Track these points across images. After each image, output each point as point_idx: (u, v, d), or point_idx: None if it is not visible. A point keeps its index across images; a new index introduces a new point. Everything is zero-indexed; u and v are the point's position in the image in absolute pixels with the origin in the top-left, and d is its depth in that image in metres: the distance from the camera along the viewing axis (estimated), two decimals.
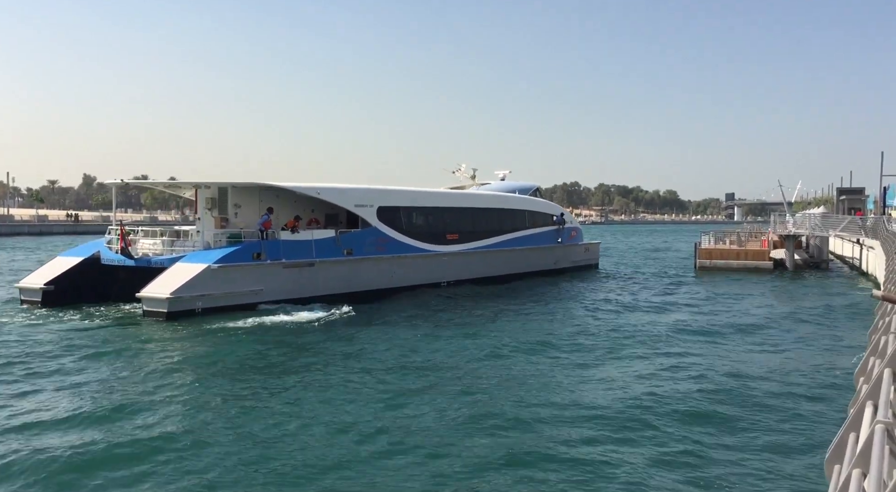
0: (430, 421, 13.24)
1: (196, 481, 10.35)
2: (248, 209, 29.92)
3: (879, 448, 3.32)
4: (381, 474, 10.72)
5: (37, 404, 14.09)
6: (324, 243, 28.28)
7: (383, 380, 16.27)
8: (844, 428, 4.33)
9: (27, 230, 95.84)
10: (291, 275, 27.05)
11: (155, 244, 27.53)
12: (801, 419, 13.61)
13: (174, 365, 17.75)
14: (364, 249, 30.05)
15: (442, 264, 34.40)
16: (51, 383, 15.75)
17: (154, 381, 16.08)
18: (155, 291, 23.69)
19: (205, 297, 24.27)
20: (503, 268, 38.09)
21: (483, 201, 38.74)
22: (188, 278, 23.87)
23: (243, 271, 25.47)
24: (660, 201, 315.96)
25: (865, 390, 4.72)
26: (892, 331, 6.30)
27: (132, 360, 18.34)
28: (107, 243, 27.75)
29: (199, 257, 24.98)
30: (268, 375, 16.80)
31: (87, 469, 10.75)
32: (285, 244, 27.04)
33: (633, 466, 11.05)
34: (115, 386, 15.64)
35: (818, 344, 21.52)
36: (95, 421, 13.04)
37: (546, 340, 21.56)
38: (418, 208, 33.85)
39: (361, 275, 29.92)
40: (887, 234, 35.90)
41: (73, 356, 18.33)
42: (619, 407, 14.19)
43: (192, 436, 12.17)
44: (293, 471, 10.80)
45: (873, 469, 3.16)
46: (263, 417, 13.38)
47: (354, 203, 30.62)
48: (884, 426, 3.54)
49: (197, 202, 30.39)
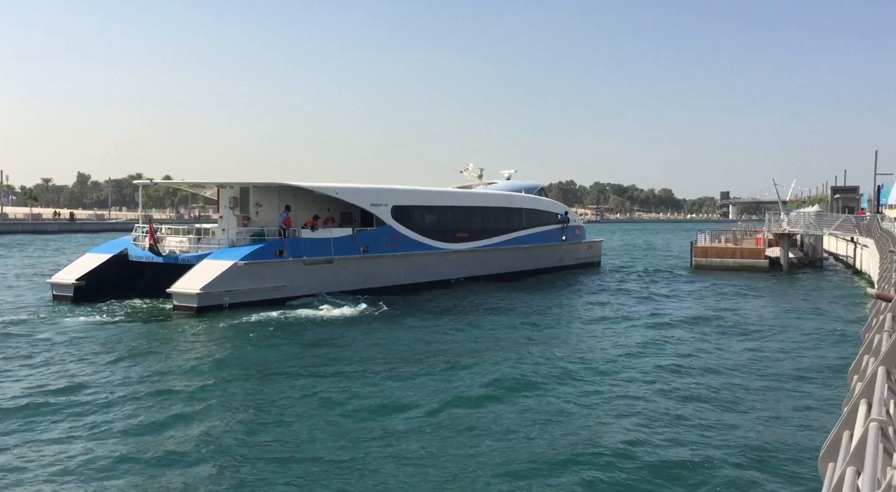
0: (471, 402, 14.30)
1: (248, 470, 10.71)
2: (268, 208, 31.27)
3: (873, 446, 3.32)
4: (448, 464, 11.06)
5: (91, 396, 14.68)
6: (342, 241, 29.64)
7: (432, 370, 17.25)
8: (838, 426, 4.34)
9: (21, 228, 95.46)
10: (312, 271, 28.29)
11: (181, 242, 28.67)
12: (794, 417, 13.67)
13: (211, 357, 18.60)
14: (379, 247, 31.34)
15: (452, 262, 35.61)
16: (96, 373, 16.54)
17: (192, 372, 16.91)
18: (185, 286, 24.84)
19: (231, 292, 25.45)
20: (510, 265, 39.33)
21: (491, 201, 40.06)
22: (216, 274, 25.03)
23: (267, 268, 26.68)
24: (655, 200, 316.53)
25: (859, 388, 4.72)
26: (885, 329, 6.32)
27: (170, 351, 19.30)
28: (133, 241, 28.84)
29: (226, 254, 26.20)
30: (304, 366, 17.59)
31: (129, 460, 11.10)
32: (306, 242, 28.31)
33: (627, 462, 11.06)
34: (156, 378, 16.35)
35: (812, 342, 21.61)
36: (142, 411, 13.69)
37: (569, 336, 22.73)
38: (430, 207, 35.14)
39: (377, 271, 31.16)
40: (881, 232, 36.01)
41: (111, 350, 19.11)
42: (605, 408, 14.24)
43: (234, 425, 12.83)
44: (340, 463, 11.08)
45: (867, 467, 3.16)
46: (304, 406, 14.06)
47: (370, 202, 31.90)
48: (878, 424, 3.54)
49: (219, 201, 31.68)
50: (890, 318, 6.68)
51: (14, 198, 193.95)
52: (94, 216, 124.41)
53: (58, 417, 13.20)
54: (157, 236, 28.08)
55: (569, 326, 24.79)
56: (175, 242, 28.68)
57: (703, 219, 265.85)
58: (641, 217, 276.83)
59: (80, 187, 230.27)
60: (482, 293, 32.38)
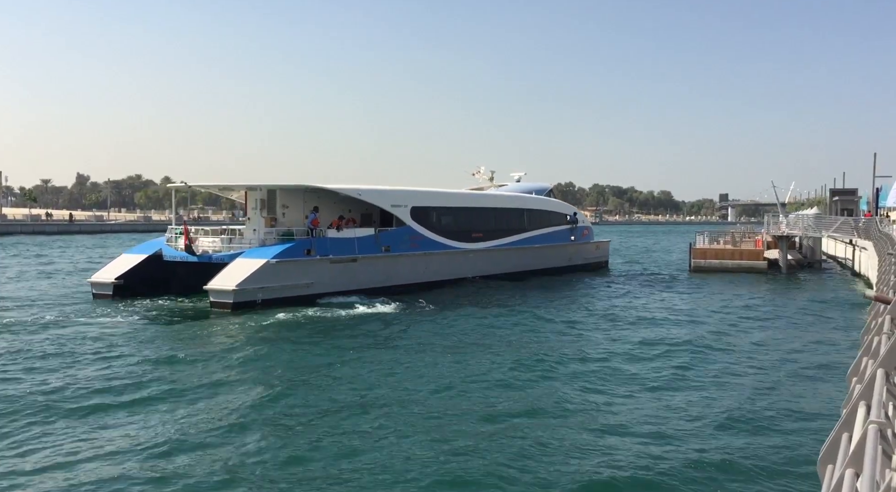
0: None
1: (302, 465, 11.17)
2: (293, 209, 32.72)
3: (872, 448, 3.33)
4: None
5: (152, 388, 15.55)
6: (365, 241, 31.10)
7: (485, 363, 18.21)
8: (837, 428, 4.35)
9: (20, 229, 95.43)
10: (337, 269, 29.70)
11: (214, 242, 30.16)
12: (793, 419, 13.68)
13: (255, 349, 19.68)
14: (400, 246, 32.76)
15: (468, 261, 37.00)
16: (151, 365, 17.61)
17: (236, 364, 17.96)
18: (221, 283, 26.25)
19: (264, 289, 26.80)
20: (522, 264, 40.80)
21: (505, 202, 41.67)
22: (250, 272, 26.39)
23: (297, 266, 28.05)
24: (654, 202, 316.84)
25: (858, 390, 4.73)
26: (884, 331, 6.32)
27: (214, 345, 20.52)
28: (167, 241, 30.34)
29: (258, 253, 27.59)
30: (345, 358, 18.63)
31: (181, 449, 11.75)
32: (332, 242, 29.80)
33: (620, 463, 11.08)
34: (203, 370, 17.32)
35: (810, 344, 21.63)
36: (194, 401, 14.58)
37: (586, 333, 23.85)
38: (447, 208, 36.61)
39: (397, 270, 32.61)
40: (880, 234, 36.05)
41: (157, 344, 20.34)
42: (601, 413, 14.29)
43: (284, 417, 13.51)
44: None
45: (866, 469, 3.17)
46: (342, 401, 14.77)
47: (391, 203, 33.41)
48: (877, 426, 3.55)
49: (247, 203, 33.21)
50: (888, 320, 6.68)
51: (13, 199, 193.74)
52: (94, 217, 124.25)
53: (123, 402, 14.35)
54: (192, 237, 29.57)
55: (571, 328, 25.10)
56: (208, 243, 30.15)
57: (702, 221, 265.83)
58: (640, 219, 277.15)
59: (80, 188, 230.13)
60: (501, 291, 33.70)
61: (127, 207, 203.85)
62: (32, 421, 13.02)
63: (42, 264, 47.17)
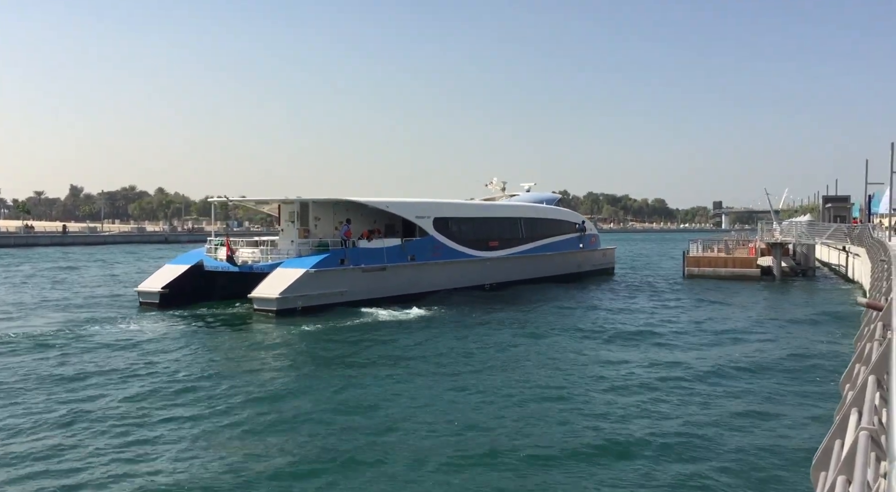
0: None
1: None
2: (325, 221, 34.67)
3: (864, 455, 3.34)
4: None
5: (212, 392, 16.54)
6: (393, 251, 33.03)
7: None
8: (830, 435, 4.36)
9: (13, 242, 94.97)
10: (368, 278, 31.56)
11: (254, 253, 32.02)
12: (786, 426, 13.71)
13: (302, 352, 21.43)
14: (424, 255, 34.72)
15: (486, 268, 38.96)
16: (209, 368, 18.95)
17: (286, 366, 19.50)
18: (265, 291, 28.10)
19: (304, 296, 28.57)
20: (535, 271, 42.85)
21: (519, 212, 43.79)
22: (292, 281, 28.19)
23: (333, 275, 29.90)
24: (648, 210, 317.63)
25: (850, 397, 4.75)
26: (877, 338, 6.35)
27: (262, 350, 22.12)
28: (207, 252, 32.18)
29: (297, 263, 29.43)
30: (378, 364, 19.74)
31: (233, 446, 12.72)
32: (363, 251, 31.81)
33: (617, 469, 11.09)
34: (258, 373, 18.53)
35: (803, 351, 21.75)
36: (253, 401, 15.69)
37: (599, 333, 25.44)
38: (466, 218, 38.66)
39: (422, 278, 34.53)
40: (872, 241, 36.20)
41: (211, 348, 22.00)
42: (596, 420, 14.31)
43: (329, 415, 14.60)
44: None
45: (858, 476, 3.18)
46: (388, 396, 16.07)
47: (416, 215, 35.41)
48: (868, 433, 3.55)
49: (280, 216, 35.19)
50: (881, 327, 6.72)
51: (6, 211, 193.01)
52: (87, 229, 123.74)
53: (181, 402, 15.55)
54: (233, 248, 31.39)
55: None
56: (248, 253, 32.07)
57: (696, 228, 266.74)
58: (635, 227, 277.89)
59: (73, 200, 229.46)
60: (524, 295, 35.59)
61: (121, 219, 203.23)
62: (102, 430, 13.71)
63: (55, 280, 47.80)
